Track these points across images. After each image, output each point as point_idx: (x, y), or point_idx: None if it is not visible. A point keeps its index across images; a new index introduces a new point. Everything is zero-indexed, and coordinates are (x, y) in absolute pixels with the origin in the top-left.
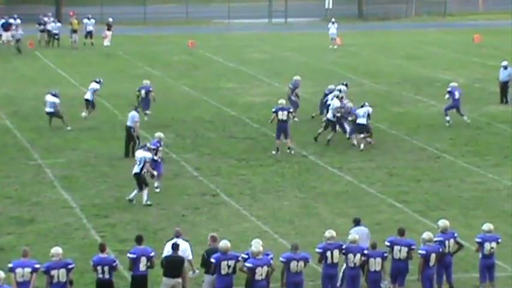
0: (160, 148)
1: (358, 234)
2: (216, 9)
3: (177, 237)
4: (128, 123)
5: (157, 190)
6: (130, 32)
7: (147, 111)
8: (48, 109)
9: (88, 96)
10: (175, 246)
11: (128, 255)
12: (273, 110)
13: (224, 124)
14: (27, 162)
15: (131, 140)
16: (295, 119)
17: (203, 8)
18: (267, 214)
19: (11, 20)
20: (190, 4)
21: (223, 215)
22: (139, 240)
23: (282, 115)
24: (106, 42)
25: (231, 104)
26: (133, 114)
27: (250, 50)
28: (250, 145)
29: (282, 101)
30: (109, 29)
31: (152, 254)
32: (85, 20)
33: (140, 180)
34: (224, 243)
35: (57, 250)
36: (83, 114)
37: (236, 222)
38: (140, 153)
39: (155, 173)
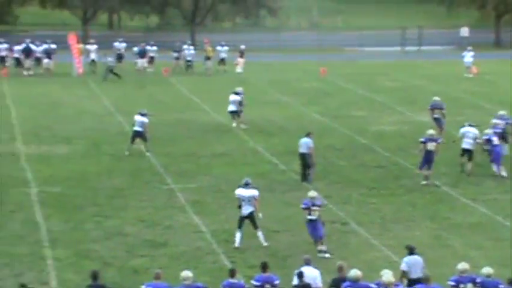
0: (314, 208)
1: (412, 263)
2: (348, 37)
3: (307, 264)
4: (303, 150)
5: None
6: (262, 59)
7: None
8: (137, 128)
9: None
10: (300, 275)
11: (253, 282)
12: (422, 140)
13: (354, 152)
14: (160, 187)
15: (307, 166)
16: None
17: (335, 36)
18: (397, 244)
19: (148, 47)
20: (323, 32)
21: (352, 244)
22: (264, 267)
23: (431, 146)
24: (239, 69)
25: (361, 132)
26: (307, 140)
27: (382, 78)
28: (381, 174)
29: (431, 132)
30: (241, 56)
31: (277, 281)
32: (218, 47)
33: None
34: (354, 272)
35: (187, 274)
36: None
37: (365, 251)
38: (247, 192)
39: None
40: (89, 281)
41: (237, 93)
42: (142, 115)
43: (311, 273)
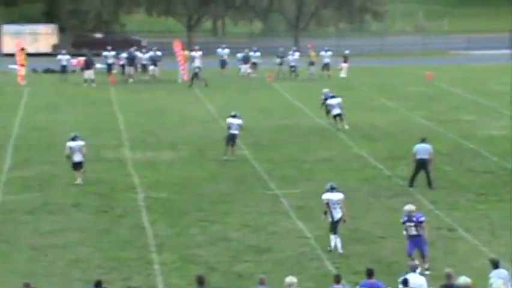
0: (409, 224)
1: (500, 277)
2: (453, 41)
3: (412, 271)
4: (422, 156)
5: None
6: (366, 64)
7: None
8: (233, 131)
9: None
10: (405, 282)
11: None
12: None
13: (462, 157)
14: (264, 192)
15: (427, 172)
16: None
17: (440, 39)
18: (508, 251)
19: (251, 53)
20: (428, 35)
21: (460, 251)
22: (369, 273)
23: None
24: (342, 74)
25: (469, 136)
26: (426, 146)
27: (491, 82)
28: (489, 179)
29: None
30: (345, 61)
31: None
32: (322, 53)
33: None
34: (464, 279)
35: (291, 279)
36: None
37: (474, 259)
38: (335, 196)
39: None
40: (195, 285)
41: (234, 116)
42: (234, 117)
43: (417, 281)
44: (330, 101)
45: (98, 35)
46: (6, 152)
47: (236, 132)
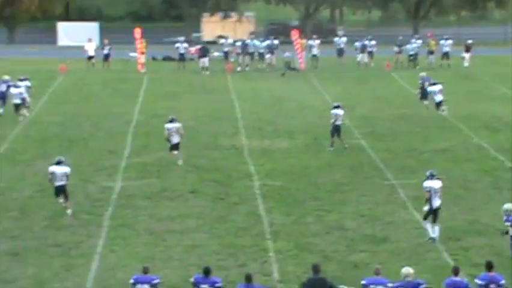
0: (507, 223)
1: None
2: None
3: None
4: None
5: None
6: (488, 53)
7: None
8: (337, 122)
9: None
10: None
11: (476, 281)
12: None
13: None
14: (381, 182)
15: None
16: None
17: None
18: None
19: (366, 42)
20: None
21: None
22: (489, 266)
23: None
24: (466, 63)
25: None
26: None
27: None
28: None
29: None
30: (467, 51)
31: (502, 281)
32: (442, 41)
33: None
34: None
35: (408, 270)
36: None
37: None
38: (436, 183)
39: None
40: (310, 273)
41: (337, 107)
42: (338, 108)
43: None
44: (431, 88)
45: (294, 23)
46: (126, 139)
47: (340, 123)
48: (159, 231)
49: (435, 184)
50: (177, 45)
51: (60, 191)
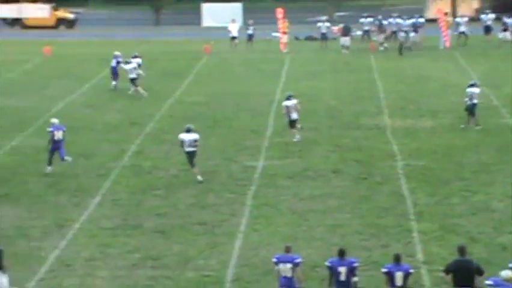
0: None
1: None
2: None
3: None
4: None
5: None
6: None
7: None
8: (473, 101)
9: None
10: None
11: None
12: None
13: None
14: None
15: None
16: None
17: None
18: None
19: (505, 19)
20: None
21: None
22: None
23: None
24: None
25: None
26: None
27: None
28: None
29: None
30: None
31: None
32: None
33: None
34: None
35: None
36: None
37: None
38: None
39: None
40: (456, 255)
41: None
42: (473, 86)
43: None
44: None
45: None
46: (268, 119)
47: (476, 102)
48: (301, 210)
49: None
50: (319, 24)
51: (191, 156)
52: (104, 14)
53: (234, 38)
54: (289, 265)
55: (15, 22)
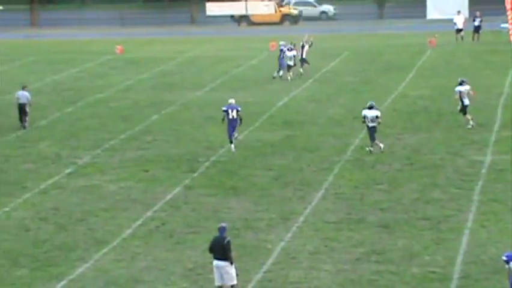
0: None
1: None
2: None
3: None
4: None
5: None
6: None
7: None
8: None
9: None
10: None
11: None
12: None
13: None
14: None
15: None
16: None
17: None
18: None
19: None
20: None
21: None
22: None
23: None
24: None
25: None
26: None
27: None
28: None
29: None
30: None
31: None
32: None
33: None
34: None
35: None
36: None
37: None
38: None
39: None
40: None
41: None
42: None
43: None
44: None
45: None
46: (496, 112)
47: None
48: None
49: None
50: None
51: (372, 131)
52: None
53: (459, 30)
54: None
55: (243, 19)
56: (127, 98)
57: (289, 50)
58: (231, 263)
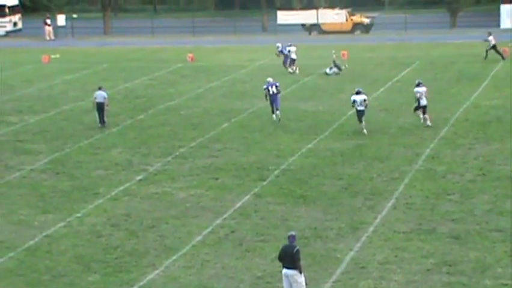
0: None
1: None
2: None
3: None
4: None
5: None
6: None
7: None
8: None
9: None
10: None
11: None
12: None
13: None
14: None
15: None
16: None
17: None
18: None
19: None
20: None
21: None
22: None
23: None
24: None
25: None
26: None
27: None
28: None
29: None
30: None
31: None
32: None
33: None
34: None
35: None
36: None
37: None
38: None
39: None
40: None
41: None
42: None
43: None
44: None
45: None
46: None
47: None
48: None
49: None
50: None
51: (361, 114)
52: (400, 17)
53: None
54: None
55: (313, 28)
56: (198, 106)
57: (289, 45)
58: (300, 272)
